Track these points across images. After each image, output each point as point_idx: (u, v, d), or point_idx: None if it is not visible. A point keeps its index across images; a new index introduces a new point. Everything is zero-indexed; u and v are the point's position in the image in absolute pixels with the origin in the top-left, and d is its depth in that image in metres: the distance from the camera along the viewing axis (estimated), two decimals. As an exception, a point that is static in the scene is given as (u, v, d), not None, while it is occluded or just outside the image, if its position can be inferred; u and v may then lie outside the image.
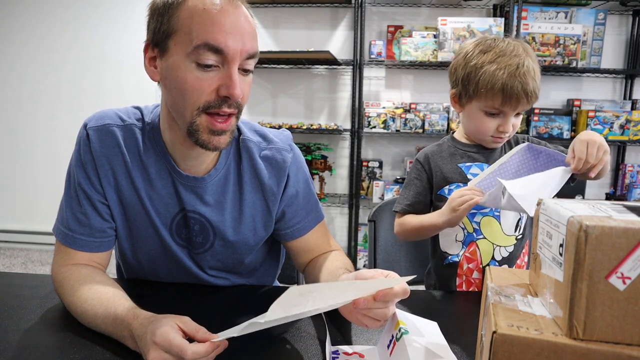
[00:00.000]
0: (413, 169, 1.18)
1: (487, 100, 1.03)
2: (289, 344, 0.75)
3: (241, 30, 0.77)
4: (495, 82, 1.00)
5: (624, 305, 0.43)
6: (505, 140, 1.10)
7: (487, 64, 1.02)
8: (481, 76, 1.02)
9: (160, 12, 0.78)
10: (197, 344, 0.63)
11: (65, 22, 3.37)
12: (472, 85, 1.04)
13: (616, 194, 3.02)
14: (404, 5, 3.04)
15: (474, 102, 1.06)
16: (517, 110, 1.04)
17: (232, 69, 0.77)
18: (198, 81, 0.77)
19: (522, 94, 1.00)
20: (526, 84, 0.99)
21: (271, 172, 0.94)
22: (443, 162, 1.13)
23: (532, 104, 1.04)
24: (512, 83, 0.99)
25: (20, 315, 0.82)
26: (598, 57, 2.89)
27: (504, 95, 1.00)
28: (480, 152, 1.12)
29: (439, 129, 2.90)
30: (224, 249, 0.95)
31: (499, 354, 0.45)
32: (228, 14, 0.76)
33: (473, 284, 1.10)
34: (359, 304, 0.66)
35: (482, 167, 1.11)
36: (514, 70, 1.00)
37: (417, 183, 1.15)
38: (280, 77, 3.19)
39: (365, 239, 3.10)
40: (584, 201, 0.52)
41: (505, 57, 1.02)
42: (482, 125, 1.07)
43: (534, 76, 1.01)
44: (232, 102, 0.79)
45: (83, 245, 0.89)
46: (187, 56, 0.76)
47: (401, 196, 1.17)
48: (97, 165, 0.88)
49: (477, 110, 1.06)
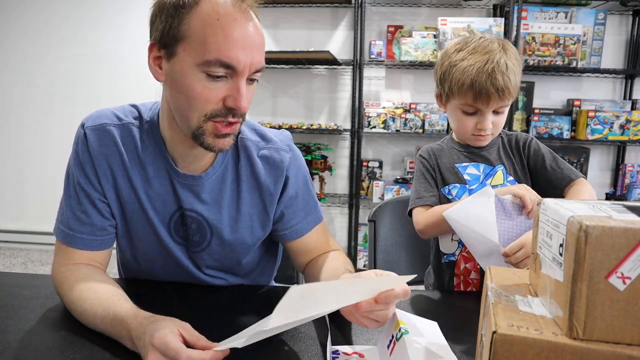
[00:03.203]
0: (418, 165, 1.16)
1: (460, 98, 1.03)
2: (289, 344, 0.75)
3: (251, 44, 0.77)
4: (465, 80, 1.01)
5: (624, 305, 0.43)
6: (487, 138, 1.08)
7: (459, 61, 1.03)
8: (454, 74, 1.03)
9: (169, 13, 0.77)
10: (193, 350, 0.63)
11: (60, 19, 3.36)
12: (448, 83, 1.05)
13: (616, 194, 3.02)
14: (404, 5, 3.04)
15: (452, 101, 1.07)
16: (490, 107, 1.02)
17: (240, 81, 0.77)
18: (206, 90, 0.77)
19: (491, 89, 0.99)
20: (495, 79, 0.99)
21: (269, 171, 0.94)
22: (442, 161, 1.13)
23: (507, 100, 1.02)
24: (480, 79, 0.99)
25: (21, 315, 0.82)
26: (598, 57, 2.89)
27: (474, 92, 1.00)
28: (475, 153, 1.12)
29: (439, 129, 2.90)
30: (221, 248, 0.95)
31: (499, 354, 0.45)
32: (240, 26, 0.76)
33: (471, 284, 1.10)
34: (361, 307, 0.67)
35: (478, 167, 1.11)
36: (482, 66, 0.99)
37: (426, 177, 1.13)
38: (280, 77, 3.18)
39: (365, 239, 3.10)
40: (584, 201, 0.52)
41: (477, 54, 1.01)
42: (461, 124, 1.07)
43: (506, 72, 1.00)
44: (237, 112, 0.79)
45: (84, 244, 0.89)
46: (196, 66, 0.76)
47: (413, 194, 1.14)
48: (95, 164, 0.88)
49: (455, 109, 1.07)
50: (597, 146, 3.04)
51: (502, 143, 1.14)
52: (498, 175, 1.10)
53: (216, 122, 0.80)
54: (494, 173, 1.11)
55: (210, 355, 0.63)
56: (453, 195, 1.10)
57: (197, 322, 0.70)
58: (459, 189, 1.10)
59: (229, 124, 0.81)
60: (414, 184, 1.15)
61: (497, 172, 1.11)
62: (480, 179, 1.10)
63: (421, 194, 1.11)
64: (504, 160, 1.12)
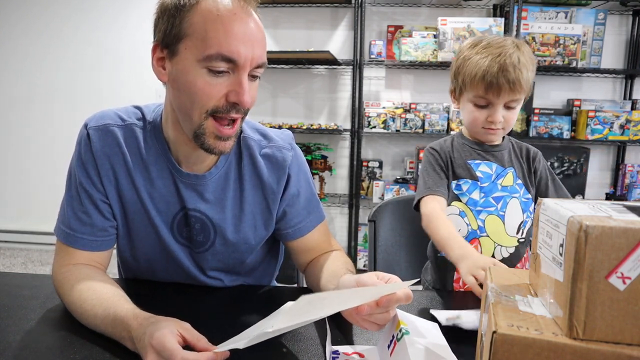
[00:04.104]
0: (428, 157, 1.16)
1: (472, 89, 1.06)
2: (289, 344, 0.75)
3: (252, 38, 0.78)
4: (477, 71, 1.03)
5: (624, 305, 0.43)
6: (498, 133, 1.10)
7: (473, 55, 1.06)
8: (467, 67, 1.06)
9: (171, 14, 0.78)
10: (188, 352, 0.62)
11: (62, 19, 3.36)
12: (461, 77, 1.08)
13: (616, 194, 3.02)
14: (404, 5, 3.04)
15: (465, 94, 1.10)
16: (501, 99, 1.04)
17: (242, 76, 0.78)
18: (208, 86, 0.77)
19: (502, 81, 1.01)
20: (506, 71, 1.01)
21: (271, 170, 0.94)
22: (453, 156, 1.14)
23: (518, 94, 1.04)
24: (492, 70, 1.02)
25: (20, 315, 0.82)
26: (598, 57, 2.89)
27: (485, 82, 1.03)
28: (488, 151, 1.13)
29: (439, 129, 2.90)
30: (225, 248, 0.95)
31: (499, 354, 0.45)
32: (241, 21, 0.76)
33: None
34: (363, 311, 0.67)
35: (490, 165, 1.12)
36: (495, 57, 1.02)
37: (436, 169, 1.13)
38: (280, 77, 3.18)
39: (365, 239, 3.10)
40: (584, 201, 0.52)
41: (491, 48, 1.05)
42: (472, 117, 1.09)
43: (519, 66, 1.02)
44: (240, 107, 0.79)
45: (85, 244, 0.89)
46: (198, 62, 0.76)
47: (421, 185, 1.13)
48: (98, 165, 0.88)
49: (468, 102, 1.09)
50: (597, 146, 3.04)
51: (512, 148, 1.17)
52: (508, 176, 1.12)
53: (218, 119, 0.80)
54: (505, 174, 1.12)
55: (206, 357, 0.62)
56: (463, 191, 1.11)
57: (197, 322, 0.70)
58: (470, 185, 1.11)
59: (230, 123, 0.81)
60: (422, 175, 1.14)
61: (507, 173, 1.12)
62: (492, 178, 1.12)
63: (429, 184, 1.11)
64: (513, 163, 1.14)
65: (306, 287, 1.03)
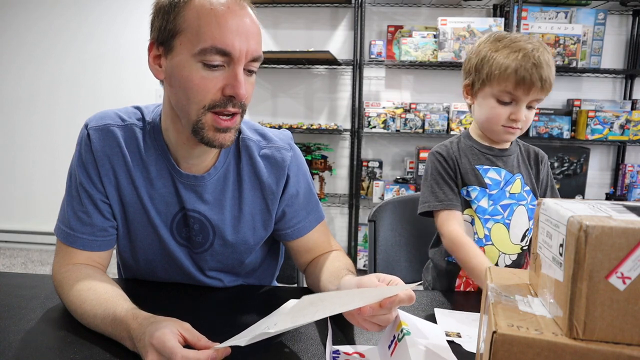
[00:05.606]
0: (436, 165, 1.10)
1: (499, 84, 1.01)
2: (290, 344, 0.75)
3: (247, 31, 0.78)
4: (508, 65, 0.99)
5: (624, 305, 0.43)
6: (516, 132, 1.05)
7: (501, 48, 1.01)
8: (496, 59, 1.01)
9: (165, 11, 0.79)
10: (188, 350, 0.63)
11: (63, 20, 3.36)
12: (486, 69, 1.02)
13: (616, 194, 3.02)
14: (404, 5, 3.04)
15: (487, 89, 1.04)
16: (530, 96, 1.00)
17: (237, 69, 0.78)
18: (204, 80, 0.77)
19: (535, 76, 0.98)
20: (540, 67, 0.98)
21: (270, 170, 0.94)
22: (462, 161, 1.09)
23: (545, 93, 1.01)
24: (526, 65, 0.98)
25: (20, 315, 0.82)
26: (598, 57, 2.89)
27: (517, 77, 0.98)
28: (497, 156, 1.09)
29: (439, 129, 2.90)
30: (224, 249, 0.95)
31: (499, 354, 0.45)
32: (235, 15, 0.77)
33: (471, 284, 1.10)
34: (365, 312, 0.67)
35: (499, 172, 1.08)
36: (528, 52, 0.98)
37: (446, 179, 1.08)
38: (280, 77, 3.18)
39: (365, 239, 3.10)
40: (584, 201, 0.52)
41: (520, 42, 1.01)
42: (494, 113, 1.04)
43: (549, 64, 1.00)
44: (236, 101, 0.79)
45: (85, 244, 0.89)
46: (193, 56, 0.77)
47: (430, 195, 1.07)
48: (98, 165, 0.88)
49: (490, 98, 1.04)
50: (597, 146, 3.04)
51: (520, 151, 1.13)
52: (517, 183, 1.09)
53: (216, 113, 0.80)
54: (513, 181, 1.08)
55: (206, 355, 0.62)
56: (472, 198, 1.07)
57: (197, 322, 0.70)
58: (478, 192, 1.07)
59: (229, 116, 0.81)
60: (430, 184, 1.09)
61: (515, 180, 1.09)
62: (500, 185, 1.08)
63: (441, 197, 1.06)
64: (521, 169, 1.11)
65: (306, 287, 1.03)
